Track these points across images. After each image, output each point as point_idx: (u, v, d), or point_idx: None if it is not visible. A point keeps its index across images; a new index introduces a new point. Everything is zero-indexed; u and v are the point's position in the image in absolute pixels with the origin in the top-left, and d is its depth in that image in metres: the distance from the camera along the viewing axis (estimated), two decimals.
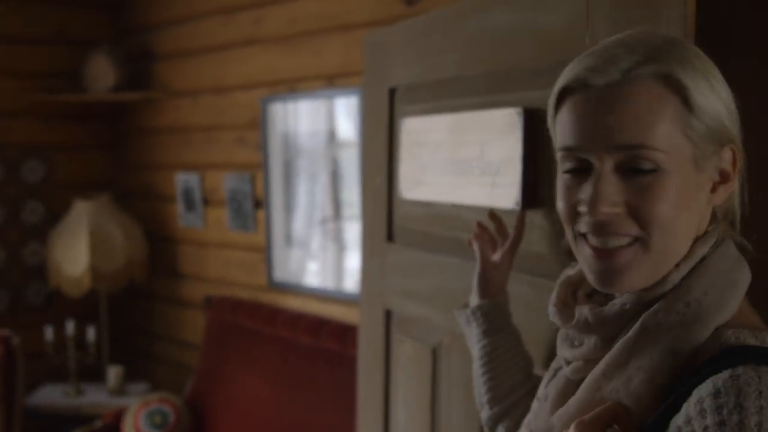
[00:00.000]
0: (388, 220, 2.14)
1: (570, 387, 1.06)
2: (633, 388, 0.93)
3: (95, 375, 4.42)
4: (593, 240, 0.95)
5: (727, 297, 0.95)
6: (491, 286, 1.46)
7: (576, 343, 1.03)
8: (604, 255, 0.95)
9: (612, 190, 0.93)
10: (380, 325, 2.18)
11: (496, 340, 1.42)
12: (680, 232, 0.95)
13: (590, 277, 0.98)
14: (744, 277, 0.98)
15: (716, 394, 0.83)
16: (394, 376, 2.14)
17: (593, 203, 0.93)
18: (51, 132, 4.52)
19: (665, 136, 0.92)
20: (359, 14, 3.40)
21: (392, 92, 2.10)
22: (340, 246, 3.67)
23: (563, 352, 1.06)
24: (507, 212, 1.65)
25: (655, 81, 0.92)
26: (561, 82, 0.98)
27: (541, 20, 1.56)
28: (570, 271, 1.11)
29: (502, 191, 1.63)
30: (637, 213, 0.93)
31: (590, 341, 1.01)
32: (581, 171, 0.96)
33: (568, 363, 1.05)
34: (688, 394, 0.87)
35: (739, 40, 1.30)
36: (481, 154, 1.70)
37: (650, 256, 0.94)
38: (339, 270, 3.67)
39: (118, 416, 3.89)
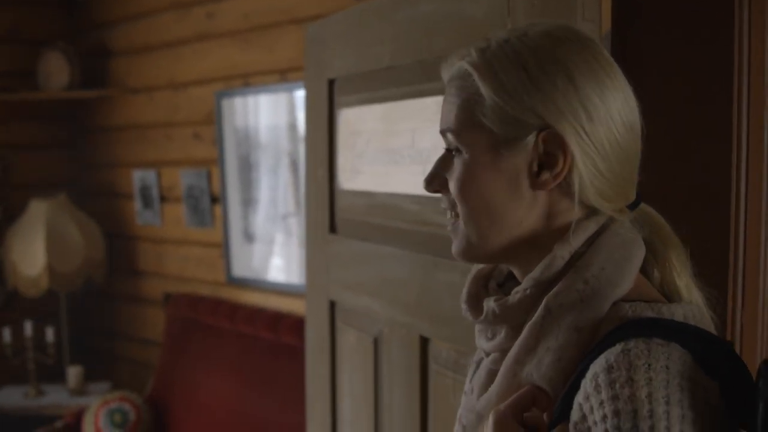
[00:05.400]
0: (331, 211, 2.14)
1: (491, 377, 1.07)
2: (544, 369, 0.95)
3: (56, 376, 4.38)
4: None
5: (623, 271, 0.97)
6: None
7: (490, 335, 1.06)
8: (449, 227, 1.06)
9: (440, 167, 1.05)
10: (325, 316, 2.18)
11: None
12: (491, 208, 1.00)
13: None
14: (638, 252, 1.00)
15: (609, 369, 0.86)
16: (339, 367, 2.14)
17: (425, 179, 1.07)
18: (6, 131, 4.47)
19: (460, 122, 1.00)
20: (310, 8, 3.39)
21: (331, 83, 2.10)
22: (302, 241, 3.66)
23: (481, 344, 1.08)
24: (437, 200, 1.66)
25: (460, 76, 1.01)
26: None
27: (466, 8, 1.57)
28: (479, 265, 1.12)
29: None
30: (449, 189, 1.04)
31: (501, 332, 1.03)
32: None
33: (488, 354, 1.07)
34: (587, 370, 0.89)
35: (652, 21, 1.31)
36: (412, 142, 1.71)
37: (461, 226, 1.03)
38: (301, 264, 3.66)
39: (79, 416, 3.87)
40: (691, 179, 1.28)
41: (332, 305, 2.15)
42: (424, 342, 1.77)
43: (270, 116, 3.70)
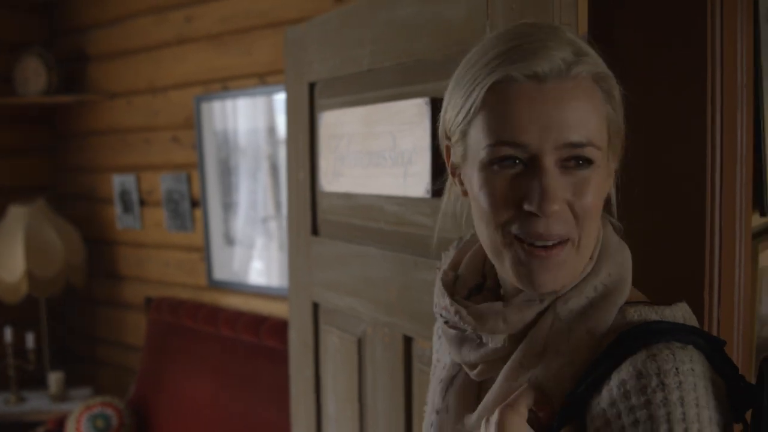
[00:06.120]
0: (312, 213, 2.15)
1: (473, 389, 1.06)
2: (553, 372, 0.94)
3: (36, 382, 4.36)
4: (531, 238, 0.92)
5: (626, 274, 0.99)
6: None
7: (484, 342, 1.01)
8: (541, 254, 0.92)
9: (558, 186, 0.90)
10: (309, 317, 2.19)
11: None
12: (597, 225, 0.97)
13: (519, 276, 0.94)
14: (629, 254, 1.02)
15: (638, 375, 0.87)
16: (323, 367, 2.15)
17: (544, 201, 0.89)
18: None
19: (599, 132, 0.92)
20: (288, 11, 3.40)
21: (312, 87, 2.12)
22: (282, 244, 3.67)
23: (466, 356, 1.03)
24: (419, 200, 1.68)
25: (589, 76, 0.92)
26: (499, 72, 0.91)
27: (445, 11, 1.59)
28: (440, 275, 1.11)
29: (414, 180, 1.66)
30: (574, 209, 0.92)
31: (497, 339, 0.99)
32: (514, 165, 0.92)
33: (474, 366, 1.04)
34: (605, 373, 0.90)
35: (627, 25, 1.34)
36: (393, 144, 1.73)
37: (579, 253, 0.94)
38: (282, 268, 3.67)
39: (61, 422, 3.85)
40: (667, 180, 1.30)
41: (315, 307, 2.17)
42: (407, 341, 1.79)
43: (249, 120, 3.71)
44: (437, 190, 1.60)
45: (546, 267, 0.92)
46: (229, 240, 3.86)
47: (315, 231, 2.15)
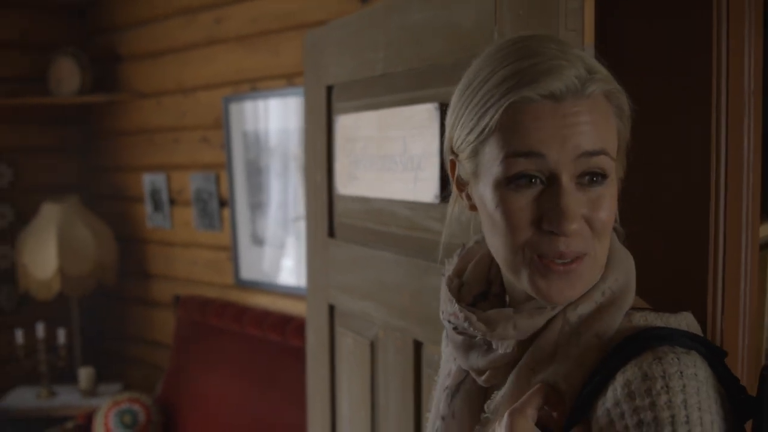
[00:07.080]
0: (329, 216, 2.16)
1: (479, 396, 1.07)
2: (563, 375, 0.95)
3: (67, 377, 4.44)
4: (551, 257, 0.93)
5: (630, 280, 1.01)
6: None
7: (498, 349, 1.01)
8: (559, 270, 0.93)
9: (576, 204, 0.91)
10: (325, 319, 2.21)
11: None
12: (610, 235, 0.98)
13: (537, 291, 0.95)
14: (632, 261, 1.03)
15: (644, 377, 0.88)
16: (338, 368, 2.17)
17: (564, 220, 0.90)
18: (18, 136, 4.54)
19: (612, 143, 0.95)
20: (316, 13, 3.42)
21: (329, 90, 2.13)
22: None
23: (474, 362, 1.04)
24: (429, 206, 1.68)
25: (601, 94, 0.94)
26: (514, 93, 0.91)
27: (454, 17, 1.59)
28: (445, 281, 1.11)
29: (423, 185, 1.66)
30: (591, 224, 0.93)
31: (504, 345, 1.00)
32: (531, 184, 0.92)
33: (481, 373, 1.04)
34: (609, 375, 0.91)
35: (633, 34, 1.33)
36: (404, 149, 1.73)
37: (596, 264, 0.96)
38: None
39: (90, 417, 3.92)
40: (670, 187, 1.29)
41: (331, 309, 2.18)
42: (418, 346, 1.79)
43: (278, 120, 3.74)
44: (446, 196, 1.60)
45: (565, 282, 0.94)
46: (257, 240, 3.88)
47: (331, 233, 2.16)
